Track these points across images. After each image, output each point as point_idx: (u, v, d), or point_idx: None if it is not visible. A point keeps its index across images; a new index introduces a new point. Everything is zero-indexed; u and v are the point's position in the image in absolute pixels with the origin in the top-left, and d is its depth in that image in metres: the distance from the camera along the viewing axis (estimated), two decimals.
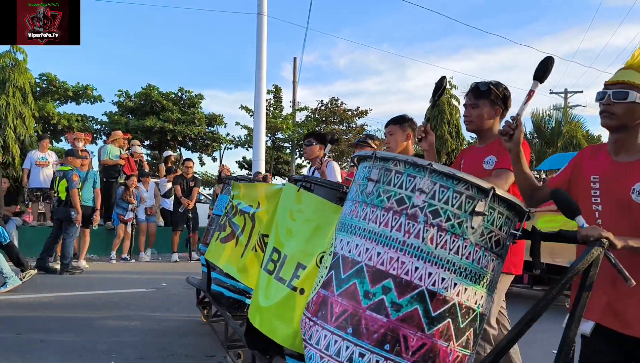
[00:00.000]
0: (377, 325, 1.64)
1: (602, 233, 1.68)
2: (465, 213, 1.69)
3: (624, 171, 1.91)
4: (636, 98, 1.88)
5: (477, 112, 2.71)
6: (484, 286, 1.76)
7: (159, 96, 17.64)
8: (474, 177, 1.70)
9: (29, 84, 10.82)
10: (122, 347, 3.89)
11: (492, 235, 1.74)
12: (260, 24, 13.37)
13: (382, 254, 1.71)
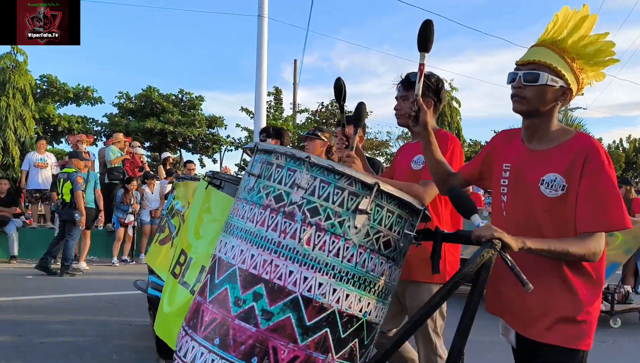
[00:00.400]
0: (245, 336, 1.49)
1: (494, 233, 1.52)
2: (348, 211, 1.53)
3: (535, 160, 1.72)
4: (548, 80, 1.66)
5: (408, 105, 2.45)
6: (372, 292, 1.60)
7: (159, 98, 17.64)
8: (357, 171, 1.55)
9: (29, 85, 10.82)
10: (122, 349, 3.88)
11: (380, 235, 1.58)
12: (261, 26, 13.37)
13: (255, 256, 1.55)
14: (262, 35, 13.41)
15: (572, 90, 1.70)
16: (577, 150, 1.64)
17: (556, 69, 1.66)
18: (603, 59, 1.71)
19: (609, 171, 1.60)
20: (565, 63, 1.68)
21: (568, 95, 1.71)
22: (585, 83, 1.76)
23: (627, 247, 5.40)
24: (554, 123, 1.74)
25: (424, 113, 1.92)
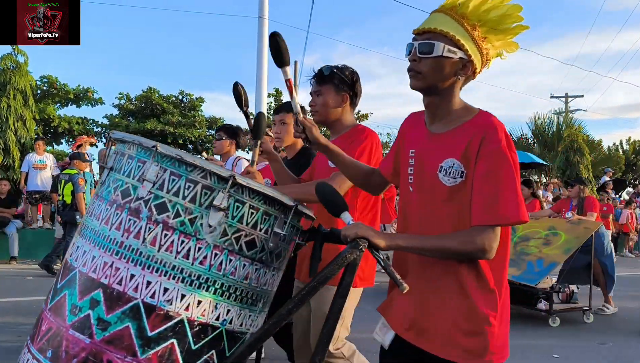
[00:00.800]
0: (78, 348, 1.32)
1: (358, 232, 1.37)
2: (201, 207, 1.37)
3: (435, 144, 1.49)
4: (444, 51, 1.42)
5: (322, 100, 2.35)
6: (233, 298, 1.43)
7: (159, 99, 17.65)
8: (210, 163, 1.40)
9: (29, 86, 10.82)
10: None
11: (241, 234, 1.42)
12: (261, 28, 13.39)
13: (96, 258, 1.39)
14: (263, 37, 13.42)
15: (473, 62, 1.46)
16: (474, 131, 1.41)
17: (454, 38, 1.42)
18: (509, 25, 1.47)
19: (507, 154, 1.37)
20: (465, 31, 1.43)
21: (469, 68, 1.47)
22: (493, 55, 1.53)
23: (568, 247, 5.39)
24: (455, 102, 1.50)
25: (310, 131, 1.79)
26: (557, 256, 5.31)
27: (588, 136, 21.09)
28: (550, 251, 5.37)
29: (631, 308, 6.51)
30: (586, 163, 17.90)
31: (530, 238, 5.77)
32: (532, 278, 5.09)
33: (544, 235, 5.70)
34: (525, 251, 5.55)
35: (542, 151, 20.98)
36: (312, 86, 2.43)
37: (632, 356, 4.26)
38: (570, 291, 5.76)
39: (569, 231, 5.58)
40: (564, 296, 5.72)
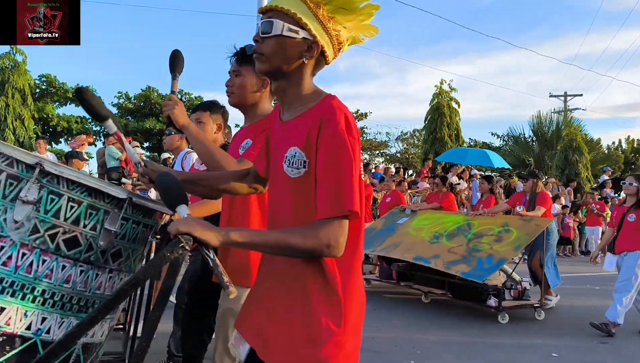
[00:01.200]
0: None
1: (179, 228, 1.20)
2: (5, 199, 1.20)
3: (283, 133, 1.38)
4: (283, 30, 1.31)
5: (240, 81, 2.19)
6: (50, 304, 1.26)
7: (158, 98, 17.63)
8: (17, 149, 1.22)
9: (28, 85, 10.82)
10: (119, 348, 3.86)
11: (59, 231, 1.25)
12: None
13: None
14: None
15: (319, 43, 1.34)
16: (315, 116, 1.30)
17: (295, 16, 1.30)
18: (358, 4, 1.36)
19: (345, 139, 1.25)
20: (308, 9, 1.32)
21: (315, 49, 1.35)
22: (346, 37, 1.42)
23: (518, 243, 5.38)
24: (305, 87, 1.39)
25: (169, 107, 1.74)
26: (506, 252, 5.29)
27: (587, 135, 21.12)
28: (500, 248, 5.35)
29: (631, 308, 6.51)
30: (585, 161, 17.92)
31: (484, 235, 5.75)
32: (481, 274, 5.06)
33: (496, 232, 5.69)
34: (477, 248, 5.51)
35: (541, 150, 21.00)
36: (232, 64, 2.25)
37: (631, 355, 4.26)
38: (522, 288, 5.71)
39: (520, 228, 5.57)
40: (516, 293, 5.67)
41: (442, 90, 16.89)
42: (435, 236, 6.21)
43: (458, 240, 5.88)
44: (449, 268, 5.34)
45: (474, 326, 5.10)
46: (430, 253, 5.81)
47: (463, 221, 6.31)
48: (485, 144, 26.60)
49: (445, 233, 6.16)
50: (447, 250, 5.71)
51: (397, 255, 6.23)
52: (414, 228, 6.75)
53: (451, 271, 5.33)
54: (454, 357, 3.99)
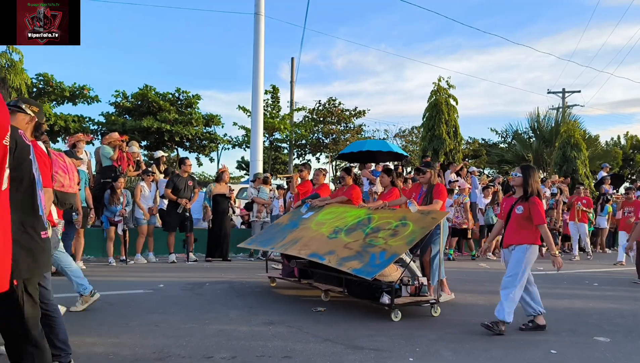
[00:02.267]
0: None
1: None
2: None
3: None
4: None
5: None
6: None
7: (156, 97, 17.60)
8: None
9: (25, 84, 10.77)
10: (119, 349, 3.86)
11: None
12: (258, 24, 13.34)
13: None
14: (259, 34, 13.37)
15: None
16: None
17: None
18: None
19: None
20: None
21: None
22: None
23: (412, 237, 5.20)
24: None
25: None
26: (399, 247, 5.11)
27: (585, 132, 21.14)
28: (394, 243, 5.18)
29: (631, 305, 6.53)
30: (583, 158, 17.94)
31: (381, 229, 5.55)
32: (371, 271, 4.84)
33: (394, 226, 5.49)
34: (373, 243, 5.32)
35: (539, 147, 21.00)
36: None
37: (630, 352, 4.27)
38: (419, 284, 5.53)
39: (417, 222, 5.40)
40: (413, 289, 5.47)
41: (440, 87, 16.88)
42: (335, 231, 5.96)
43: (356, 235, 5.65)
44: (342, 265, 5.11)
45: (474, 321, 5.10)
46: (326, 249, 5.58)
47: (364, 215, 6.05)
48: (483, 140, 26.60)
49: (345, 228, 5.93)
50: (344, 246, 5.50)
51: (294, 251, 5.95)
52: (316, 223, 6.47)
53: (343, 267, 5.09)
54: (453, 354, 3.99)
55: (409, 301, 5.32)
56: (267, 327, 4.71)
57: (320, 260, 5.44)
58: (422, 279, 5.65)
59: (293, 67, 22.47)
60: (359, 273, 4.91)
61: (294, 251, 5.96)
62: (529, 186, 4.83)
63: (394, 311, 5.07)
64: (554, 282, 8.22)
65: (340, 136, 22.64)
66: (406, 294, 5.40)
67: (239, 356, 3.76)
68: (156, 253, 9.98)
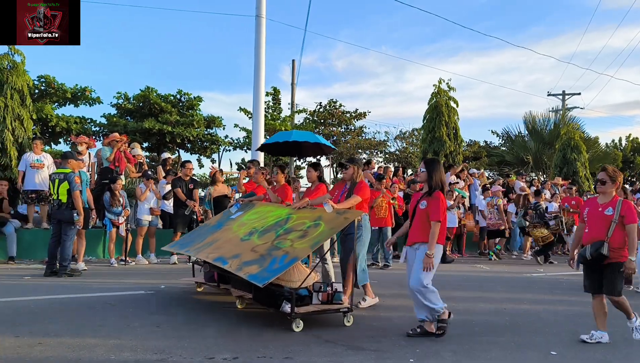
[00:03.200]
0: None
1: None
2: None
3: None
4: None
5: None
6: None
7: (157, 98, 17.61)
8: None
9: (27, 86, 10.79)
10: (120, 350, 3.88)
11: None
12: (259, 27, 13.37)
13: None
14: (260, 36, 13.40)
15: None
16: None
17: None
18: None
19: None
20: None
21: None
22: None
23: (318, 240, 4.82)
24: None
25: None
26: (302, 250, 4.73)
27: (584, 133, 21.16)
28: (299, 245, 4.78)
29: (633, 306, 6.53)
30: (583, 160, 17.94)
31: (293, 231, 5.13)
32: (266, 276, 4.42)
33: (306, 227, 5.08)
34: (279, 245, 4.92)
35: (538, 149, 21.01)
36: None
37: (629, 353, 4.28)
38: (333, 290, 5.04)
39: (328, 222, 4.98)
40: (325, 297, 4.99)
41: (440, 89, 16.90)
42: (250, 232, 5.56)
43: (268, 237, 5.23)
44: (241, 270, 4.72)
45: (474, 323, 5.12)
46: (233, 252, 5.22)
47: (285, 215, 5.61)
48: (485, 142, 26.63)
49: (261, 229, 5.51)
50: (251, 249, 5.10)
51: (204, 255, 5.61)
52: (239, 224, 6.07)
53: (241, 273, 4.68)
54: (453, 355, 4.01)
55: (313, 310, 4.86)
56: (268, 327, 4.73)
57: (223, 265, 5.05)
58: (337, 285, 5.13)
59: (294, 69, 22.50)
60: (252, 279, 4.52)
61: (203, 254, 5.62)
62: (432, 181, 4.58)
63: (294, 321, 4.62)
64: (553, 284, 8.23)
65: (340, 138, 22.65)
66: (317, 301, 4.96)
67: (240, 357, 3.77)
68: (158, 254, 10.01)
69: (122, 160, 10.13)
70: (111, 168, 9.95)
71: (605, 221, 4.46)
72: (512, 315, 5.62)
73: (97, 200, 9.06)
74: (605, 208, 4.52)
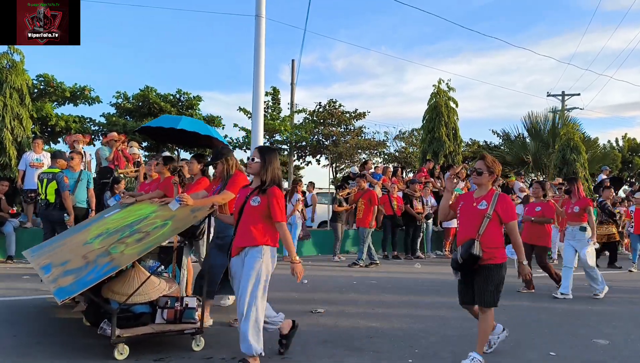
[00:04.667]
0: None
1: None
2: None
3: None
4: None
5: None
6: None
7: (156, 98, 17.61)
8: None
9: (26, 85, 10.79)
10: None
11: None
12: (259, 26, 13.36)
13: None
14: (260, 36, 13.39)
15: None
16: None
17: None
18: None
19: None
20: None
21: None
22: None
23: (151, 244, 3.93)
24: None
25: None
26: (128, 257, 3.83)
27: (584, 134, 21.17)
28: (130, 250, 3.91)
29: (629, 308, 6.55)
30: (582, 161, 17.96)
31: (138, 232, 4.25)
32: (71, 290, 3.53)
33: (152, 228, 4.22)
34: (112, 251, 4.01)
35: (538, 149, 21.03)
36: None
37: (629, 354, 4.28)
38: (183, 306, 4.12)
39: (175, 222, 4.18)
40: (171, 314, 4.07)
41: (440, 89, 16.91)
42: (100, 234, 4.67)
43: (109, 240, 4.32)
44: (56, 280, 3.82)
45: (473, 325, 5.12)
46: (64, 258, 4.33)
47: (147, 213, 4.76)
48: (485, 142, 26.65)
49: (112, 230, 4.62)
50: (83, 255, 4.16)
51: (37, 262, 4.65)
52: (99, 225, 5.15)
53: (55, 284, 3.76)
54: (451, 356, 4.01)
55: (145, 332, 3.88)
56: None
57: (45, 274, 4.11)
58: (188, 299, 4.19)
59: (294, 69, 22.49)
60: (56, 293, 3.61)
61: (37, 261, 4.65)
62: (267, 174, 3.72)
63: (116, 347, 3.68)
64: (552, 284, 8.23)
65: (340, 138, 22.65)
66: (162, 320, 4.05)
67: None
68: None
69: (120, 159, 10.13)
70: (110, 167, 9.95)
71: (478, 216, 3.77)
72: (511, 315, 5.62)
73: (97, 200, 9.05)
74: (479, 202, 3.83)
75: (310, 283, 7.39)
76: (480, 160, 3.93)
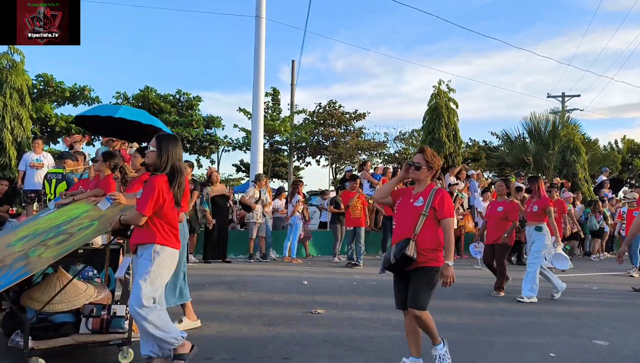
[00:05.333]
0: None
1: None
2: None
3: None
4: None
5: None
6: None
7: (156, 98, 17.63)
8: None
9: (26, 85, 10.79)
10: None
11: None
12: (259, 27, 13.38)
13: None
14: (260, 36, 13.41)
15: None
16: None
17: None
18: None
19: None
20: None
21: None
22: None
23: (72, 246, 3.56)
24: None
25: None
26: (43, 261, 3.47)
27: (584, 135, 21.18)
28: (47, 253, 3.51)
29: (629, 309, 6.55)
30: (582, 162, 17.96)
31: (63, 233, 3.88)
32: None
33: (78, 229, 3.85)
34: (30, 254, 3.63)
35: (538, 150, 21.05)
36: None
37: (628, 355, 4.28)
38: (110, 315, 3.84)
39: (103, 222, 3.80)
40: (97, 323, 3.80)
41: (440, 90, 16.92)
42: (25, 236, 4.33)
43: (32, 242, 3.97)
44: None
45: (472, 325, 5.12)
46: None
47: (79, 214, 4.37)
48: (485, 143, 26.67)
49: (39, 231, 4.25)
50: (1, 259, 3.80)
51: None
52: (30, 226, 4.81)
53: None
54: (452, 356, 4.01)
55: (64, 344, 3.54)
56: (266, 328, 4.72)
57: None
58: (116, 307, 3.90)
59: (294, 69, 22.51)
60: None
61: None
62: (162, 163, 3.25)
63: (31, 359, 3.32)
64: None
65: (340, 139, 22.66)
66: (86, 330, 3.76)
67: (239, 357, 3.77)
68: None
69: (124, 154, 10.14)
70: None
71: (414, 214, 3.47)
72: (511, 315, 5.62)
73: None
74: (416, 198, 3.55)
75: (310, 284, 7.38)
76: (419, 153, 3.63)
